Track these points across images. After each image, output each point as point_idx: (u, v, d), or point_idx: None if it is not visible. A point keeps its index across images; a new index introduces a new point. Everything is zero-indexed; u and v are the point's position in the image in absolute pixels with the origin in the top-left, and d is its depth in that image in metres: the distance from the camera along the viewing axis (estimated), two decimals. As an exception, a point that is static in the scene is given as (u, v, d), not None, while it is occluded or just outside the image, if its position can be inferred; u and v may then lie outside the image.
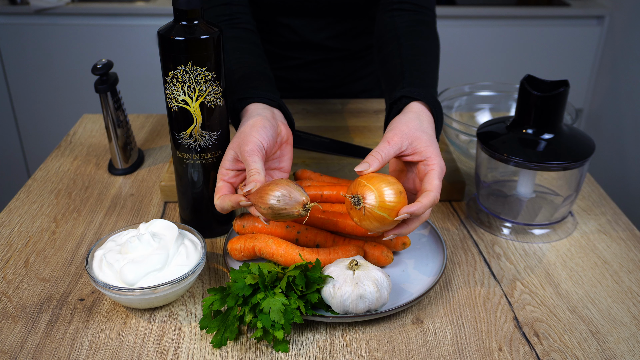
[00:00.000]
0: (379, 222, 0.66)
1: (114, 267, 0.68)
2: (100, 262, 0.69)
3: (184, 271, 0.68)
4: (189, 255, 0.71)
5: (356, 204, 0.66)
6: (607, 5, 2.25)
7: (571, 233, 0.86)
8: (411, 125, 0.73)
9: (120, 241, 0.72)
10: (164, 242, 0.71)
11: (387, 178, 0.67)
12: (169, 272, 0.68)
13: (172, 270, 0.69)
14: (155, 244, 0.70)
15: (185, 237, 0.74)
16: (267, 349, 0.65)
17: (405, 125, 0.73)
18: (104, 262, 0.69)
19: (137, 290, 0.66)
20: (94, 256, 0.71)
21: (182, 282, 0.68)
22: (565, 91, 0.79)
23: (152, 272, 0.68)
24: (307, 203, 0.66)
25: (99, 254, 0.70)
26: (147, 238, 0.70)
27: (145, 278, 0.67)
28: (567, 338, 0.67)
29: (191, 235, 0.75)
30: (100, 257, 0.70)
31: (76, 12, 2.15)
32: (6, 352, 0.64)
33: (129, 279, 0.66)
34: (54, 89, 2.26)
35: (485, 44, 2.25)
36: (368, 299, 0.66)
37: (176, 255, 0.71)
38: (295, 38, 1.16)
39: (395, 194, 0.66)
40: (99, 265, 0.69)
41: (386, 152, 0.70)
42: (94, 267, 0.69)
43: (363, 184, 0.66)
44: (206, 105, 0.72)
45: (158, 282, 0.67)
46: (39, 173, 1.00)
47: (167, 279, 0.67)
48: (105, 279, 0.67)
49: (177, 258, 0.70)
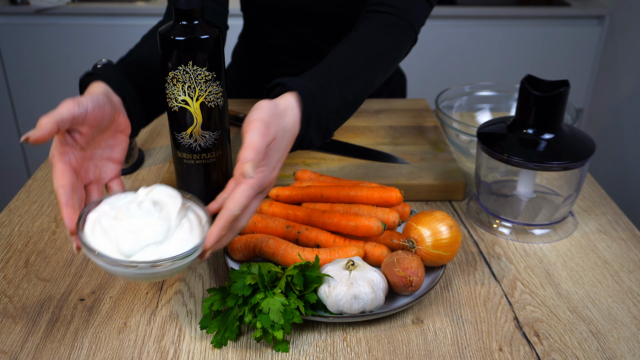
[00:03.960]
0: (438, 259, 0.72)
1: (109, 235, 0.61)
2: (93, 227, 0.62)
3: (187, 247, 0.61)
4: (192, 229, 0.63)
5: (411, 247, 0.73)
6: (607, 5, 2.25)
7: (571, 233, 0.86)
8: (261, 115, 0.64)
9: (117, 205, 0.65)
10: (165, 212, 0.63)
11: (435, 215, 0.73)
12: (169, 246, 0.61)
13: (174, 244, 0.61)
14: (155, 214, 0.63)
15: (189, 210, 0.66)
16: (267, 349, 0.65)
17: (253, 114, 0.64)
18: (97, 227, 0.62)
19: (133, 263, 0.59)
20: (87, 219, 0.63)
21: (184, 259, 0.60)
22: (566, 91, 0.79)
23: (151, 244, 0.61)
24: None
25: (92, 218, 0.63)
26: (147, 206, 0.63)
27: (143, 251, 0.60)
28: (568, 338, 0.67)
29: (196, 208, 0.67)
30: (94, 221, 0.62)
31: (76, 12, 2.15)
32: (6, 352, 0.64)
33: (125, 250, 0.60)
34: (54, 89, 2.26)
35: (485, 44, 2.25)
36: (363, 300, 0.66)
37: (179, 228, 0.63)
38: (295, 44, 1.16)
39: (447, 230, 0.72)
40: (91, 229, 0.62)
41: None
42: (86, 232, 0.62)
43: (414, 226, 0.73)
44: (206, 105, 0.72)
45: (158, 257, 0.60)
46: (39, 173, 1.00)
47: (167, 253, 0.60)
48: (99, 247, 0.60)
49: (179, 232, 0.63)
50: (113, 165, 0.70)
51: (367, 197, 0.79)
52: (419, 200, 0.93)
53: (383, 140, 1.06)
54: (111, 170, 0.70)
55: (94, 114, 0.65)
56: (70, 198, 0.61)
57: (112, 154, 0.70)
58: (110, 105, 0.68)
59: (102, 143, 0.69)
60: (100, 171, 0.69)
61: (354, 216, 0.74)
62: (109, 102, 0.68)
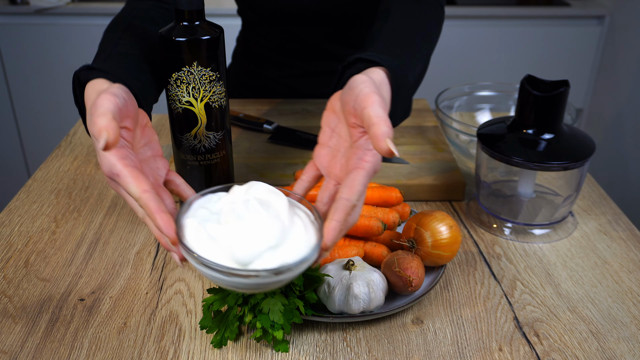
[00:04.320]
0: (438, 259, 0.73)
1: (219, 242, 0.53)
2: (197, 234, 0.54)
3: (305, 249, 0.54)
4: (306, 227, 0.56)
5: (411, 247, 0.73)
6: (607, 5, 2.25)
7: (571, 233, 0.86)
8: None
9: (215, 208, 0.57)
10: (273, 210, 0.55)
11: (436, 215, 0.73)
12: (287, 249, 0.53)
13: (292, 247, 0.53)
14: (265, 213, 0.54)
15: (295, 206, 0.59)
16: (267, 349, 0.65)
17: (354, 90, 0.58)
18: (202, 234, 0.53)
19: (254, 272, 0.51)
20: (184, 225, 0.55)
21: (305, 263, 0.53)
22: (566, 91, 0.79)
23: (269, 249, 0.53)
24: None
25: (191, 224, 0.55)
26: (254, 205, 0.55)
27: (263, 256, 0.52)
28: (568, 338, 0.67)
29: (299, 204, 0.60)
30: (196, 228, 0.54)
31: (76, 12, 2.15)
32: (6, 352, 0.64)
33: (242, 258, 0.52)
34: (54, 89, 2.26)
35: (485, 44, 2.25)
36: (362, 300, 0.66)
37: (292, 227, 0.55)
38: (297, 47, 1.16)
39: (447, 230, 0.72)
40: (195, 237, 0.53)
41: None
42: (188, 239, 0.53)
43: (414, 226, 0.73)
44: (210, 105, 0.72)
45: (279, 262, 0.52)
46: (39, 173, 1.00)
47: (288, 258, 0.53)
48: (211, 257, 0.52)
49: (294, 232, 0.55)
50: (162, 161, 0.62)
51: (367, 197, 0.79)
52: (419, 200, 0.93)
53: (383, 140, 1.05)
54: (163, 166, 0.62)
55: (131, 104, 0.59)
56: (160, 203, 0.53)
57: (154, 149, 0.62)
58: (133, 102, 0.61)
59: (140, 141, 0.62)
60: (155, 171, 0.62)
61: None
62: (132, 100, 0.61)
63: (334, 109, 0.63)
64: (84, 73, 0.65)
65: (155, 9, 0.83)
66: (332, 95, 0.65)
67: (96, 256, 0.80)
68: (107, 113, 0.54)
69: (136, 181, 0.54)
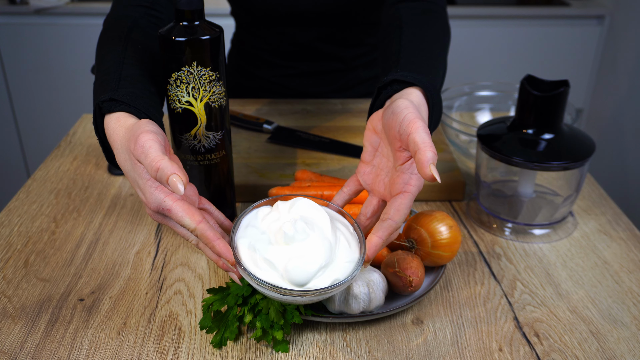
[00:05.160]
0: (438, 259, 0.72)
1: (273, 264, 0.59)
2: (251, 255, 0.59)
3: (352, 264, 0.60)
4: (349, 242, 0.61)
5: (411, 247, 0.73)
6: (607, 5, 2.25)
7: (571, 233, 0.86)
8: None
9: (263, 227, 0.62)
10: (319, 229, 0.60)
11: (435, 215, 0.73)
12: (335, 267, 0.59)
13: (339, 264, 0.59)
14: (312, 233, 0.60)
15: (335, 220, 0.64)
16: (267, 349, 0.65)
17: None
18: (258, 256, 0.59)
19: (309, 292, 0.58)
20: (237, 246, 0.60)
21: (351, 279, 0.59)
22: (566, 91, 0.79)
23: (321, 269, 0.59)
24: None
25: (243, 244, 0.60)
26: (302, 226, 0.60)
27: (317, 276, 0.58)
28: (568, 338, 0.67)
29: (339, 216, 0.65)
30: (248, 248, 0.59)
31: (76, 12, 2.15)
32: (6, 352, 0.64)
33: (298, 280, 0.58)
34: (53, 89, 2.26)
35: (485, 44, 2.25)
36: (362, 300, 0.66)
37: (337, 245, 0.61)
38: (293, 48, 1.16)
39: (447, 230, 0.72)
40: (250, 258, 0.59)
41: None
42: (244, 260, 0.59)
43: (414, 227, 0.72)
44: (210, 105, 0.72)
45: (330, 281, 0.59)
46: (39, 173, 1.00)
47: (337, 276, 0.59)
48: (267, 278, 0.58)
49: (340, 249, 0.60)
50: (191, 188, 0.66)
51: (367, 197, 0.79)
52: (419, 200, 0.93)
53: (383, 140, 1.06)
54: (193, 193, 0.66)
55: (165, 138, 0.63)
56: (214, 231, 0.60)
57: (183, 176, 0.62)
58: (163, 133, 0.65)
59: None
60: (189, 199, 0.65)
61: (353, 216, 0.74)
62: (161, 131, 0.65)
63: (376, 129, 0.67)
64: (106, 104, 0.66)
65: (146, 18, 0.82)
66: (370, 114, 0.69)
67: (96, 256, 0.80)
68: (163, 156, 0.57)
69: (189, 214, 0.59)
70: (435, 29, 0.82)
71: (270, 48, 1.18)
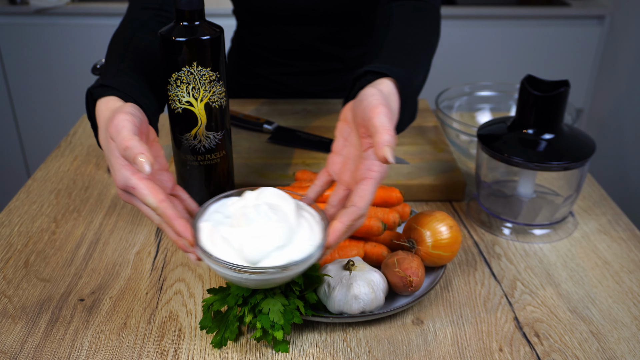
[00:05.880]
0: (438, 259, 0.72)
1: (231, 243, 0.59)
2: (211, 236, 0.60)
3: (310, 247, 0.59)
4: (312, 228, 0.62)
5: (411, 247, 0.72)
6: (607, 5, 2.25)
7: (572, 233, 0.86)
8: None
9: (228, 212, 0.63)
10: (282, 214, 0.61)
11: (435, 215, 0.73)
12: (293, 249, 0.59)
13: (297, 246, 0.60)
14: (274, 216, 0.60)
15: (302, 209, 0.64)
16: (267, 349, 0.65)
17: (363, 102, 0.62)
18: (216, 236, 0.60)
19: (262, 269, 0.57)
20: (200, 228, 0.61)
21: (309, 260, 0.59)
22: (566, 91, 0.79)
23: (276, 249, 0.59)
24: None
25: (206, 227, 0.61)
26: (264, 209, 0.61)
27: (271, 255, 0.59)
28: (568, 338, 0.67)
29: (307, 207, 0.65)
30: (210, 231, 0.60)
31: (76, 12, 2.15)
32: (6, 352, 0.64)
33: (251, 257, 0.58)
34: (53, 89, 2.26)
35: (485, 44, 2.25)
36: (362, 300, 0.66)
37: (298, 229, 0.61)
38: (292, 47, 1.16)
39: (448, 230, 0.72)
40: (210, 239, 0.60)
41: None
42: (203, 241, 0.60)
43: (414, 227, 0.72)
44: (211, 105, 0.72)
45: (285, 260, 0.58)
46: (39, 173, 1.00)
47: (293, 256, 0.59)
48: (223, 256, 0.58)
49: (300, 233, 0.61)
50: (167, 174, 0.67)
51: (367, 197, 0.79)
52: (419, 201, 0.93)
53: (383, 140, 1.05)
54: (168, 179, 0.67)
55: (144, 121, 0.63)
56: (176, 210, 0.60)
57: (161, 163, 0.67)
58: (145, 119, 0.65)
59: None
60: (162, 184, 0.66)
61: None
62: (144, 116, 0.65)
63: (347, 119, 0.67)
64: (97, 90, 0.69)
65: (155, 19, 0.84)
66: (344, 106, 0.69)
67: (96, 256, 0.80)
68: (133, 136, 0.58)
69: (152, 192, 0.60)
70: (424, 28, 0.82)
71: (270, 46, 1.18)
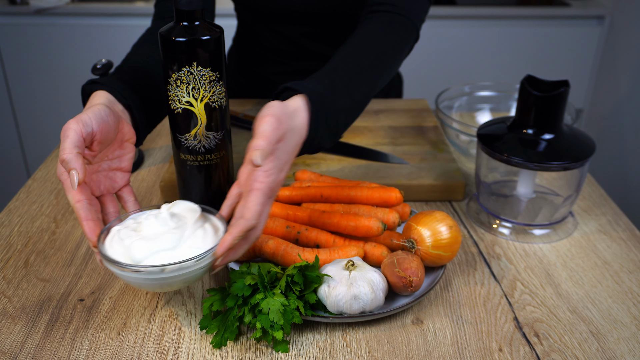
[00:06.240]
0: (438, 259, 0.72)
1: (123, 243, 0.63)
2: (112, 238, 0.65)
3: (194, 254, 0.62)
4: (206, 238, 0.65)
5: (411, 247, 0.72)
6: (607, 5, 2.25)
7: (571, 233, 0.86)
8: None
9: (140, 219, 0.68)
10: (182, 222, 0.66)
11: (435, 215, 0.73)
12: (180, 252, 0.63)
13: (185, 251, 0.63)
14: (172, 224, 0.65)
15: (207, 221, 0.68)
16: (267, 349, 0.65)
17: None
18: (115, 238, 0.64)
19: (140, 267, 0.61)
20: (110, 231, 0.66)
21: (192, 265, 0.62)
22: (566, 91, 0.79)
23: (161, 251, 0.63)
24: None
25: (114, 230, 0.66)
26: (164, 217, 0.66)
27: (154, 256, 0.62)
28: (568, 338, 0.67)
29: (216, 220, 0.69)
30: (114, 233, 0.65)
31: (76, 12, 2.15)
32: (6, 352, 0.64)
33: (137, 256, 0.62)
34: (54, 89, 2.26)
35: (485, 44, 2.25)
36: (362, 300, 0.66)
37: (192, 237, 0.65)
38: (288, 46, 1.16)
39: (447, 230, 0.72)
40: (110, 240, 0.65)
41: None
42: (106, 243, 0.65)
43: (414, 227, 0.72)
44: (211, 105, 0.72)
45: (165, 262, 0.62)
46: (39, 173, 1.00)
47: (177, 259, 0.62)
48: (112, 254, 0.62)
49: (192, 239, 0.64)
50: (122, 175, 0.71)
51: (367, 197, 0.79)
52: (419, 201, 0.93)
53: (383, 140, 1.06)
54: (121, 179, 0.71)
55: (100, 130, 0.66)
56: (89, 212, 0.64)
57: (121, 163, 0.71)
58: (113, 116, 0.68)
59: (110, 154, 0.71)
60: (111, 182, 0.71)
61: (353, 216, 0.74)
62: (112, 113, 0.68)
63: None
64: (87, 86, 0.73)
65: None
66: None
67: (96, 256, 0.79)
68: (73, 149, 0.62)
69: (74, 192, 0.64)
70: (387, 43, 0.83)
71: (268, 45, 1.18)
